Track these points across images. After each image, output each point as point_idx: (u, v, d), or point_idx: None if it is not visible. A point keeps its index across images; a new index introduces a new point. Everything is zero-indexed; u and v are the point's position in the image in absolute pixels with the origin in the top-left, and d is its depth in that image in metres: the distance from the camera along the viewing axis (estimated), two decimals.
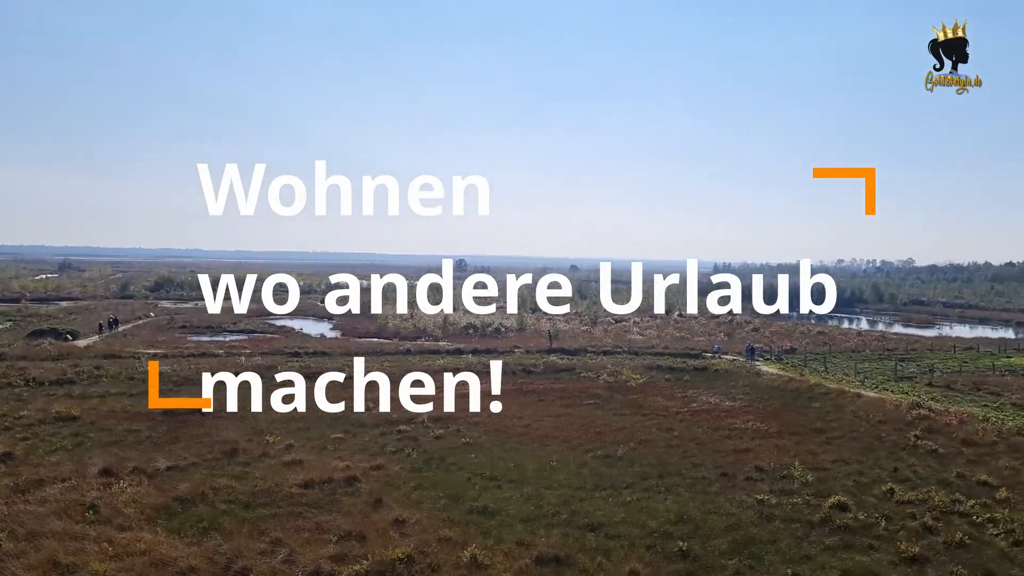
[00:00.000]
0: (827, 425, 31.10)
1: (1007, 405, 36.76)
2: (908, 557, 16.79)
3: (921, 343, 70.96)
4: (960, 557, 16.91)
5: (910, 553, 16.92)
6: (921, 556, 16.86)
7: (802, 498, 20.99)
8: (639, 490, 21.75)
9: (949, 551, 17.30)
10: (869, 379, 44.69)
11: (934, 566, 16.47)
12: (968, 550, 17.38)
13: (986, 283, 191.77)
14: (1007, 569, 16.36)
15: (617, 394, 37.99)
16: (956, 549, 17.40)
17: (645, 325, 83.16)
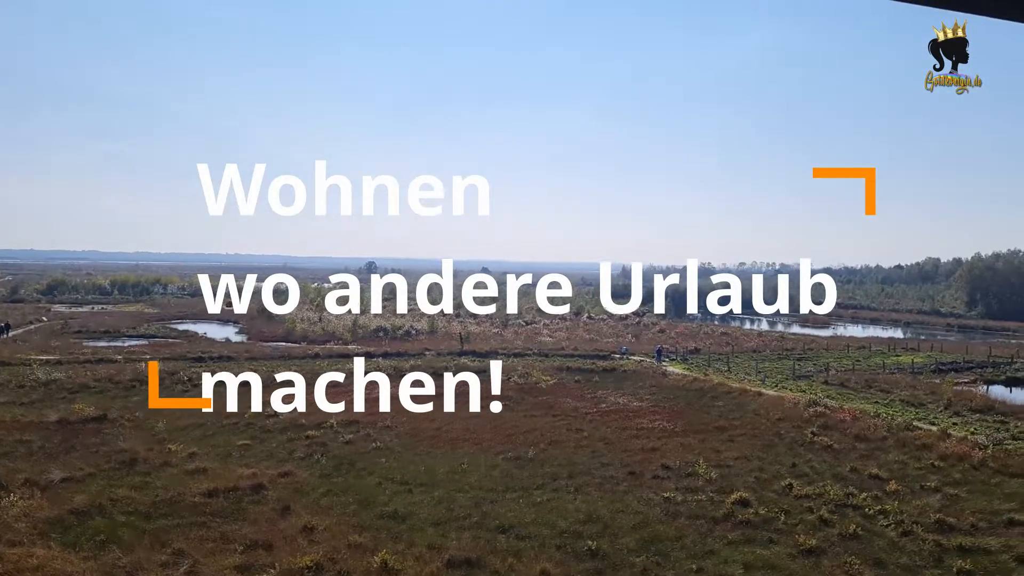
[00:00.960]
0: (730, 423, 32.05)
1: (896, 401, 38.60)
2: (806, 549, 17.48)
3: (817, 343, 73.90)
4: (853, 548, 17.70)
5: (807, 545, 17.62)
6: (818, 548, 17.58)
7: (706, 495, 21.59)
8: (549, 491, 21.98)
9: (843, 542, 18.08)
10: (769, 378, 46.23)
11: (829, 557, 17.18)
12: (861, 541, 18.19)
13: (877, 285, 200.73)
14: (896, 558, 17.20)
15: (528, 396, 38.28)
16: (850, 540, 18.20)
17: (555, 327, 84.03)
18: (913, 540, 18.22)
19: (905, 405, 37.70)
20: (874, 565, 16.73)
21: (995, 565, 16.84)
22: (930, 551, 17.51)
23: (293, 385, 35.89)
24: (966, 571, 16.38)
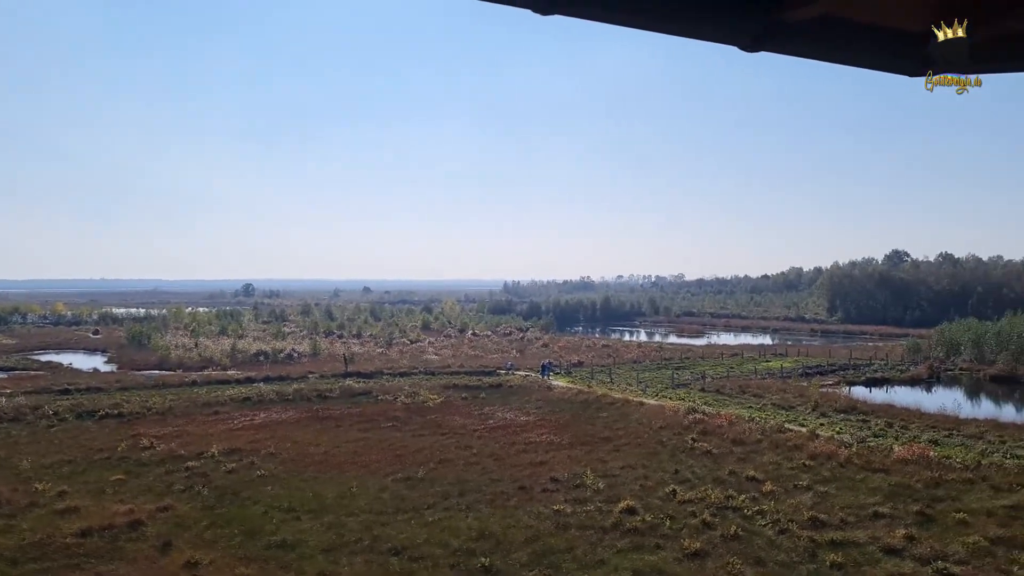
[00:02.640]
0: (615, 433, 32.85)
1: (768, 405, 40.54)
2: (691, 552, 18.15)
3: (694, 351, 76.66)
4: (735, 548, 18.49)
5: (692, 549, 18.29)
6: (702, 550, 18.27)
7: (595, 505, 22.08)
8: (440, 510, 21.98)
9: (725, 543, 18.86)
10: (650, 388, 47.61)
11: (713, 559, 17.89)
12: (741, 541, 19.02)
13: (747, 294, 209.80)
14: (774, 555, 18.07)
15: (416, 415, 38.11)
16: (731, 541, 19.01)
17: (440, 345, 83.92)
18: (789, 537, 19.19)
19: (777, 408, 39.64)
20: (754, 564, 17.53)
21: (863, 556, 17.95)
22: (805, 547, 18.49)
23: (169, 415, 34.57)
24: (838, 564, 17.39)
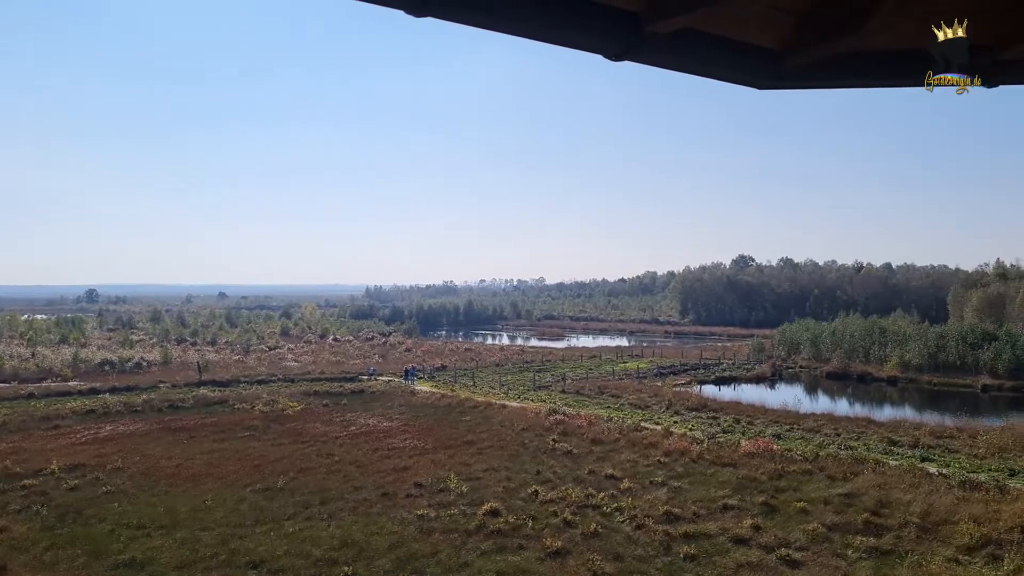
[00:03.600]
0: (478, 436, 33.02)
1: (626, 405, 41.87)
2: (552, 551, 18.46)
3: (554, 354, 78.17)
4: (595, 545, 18.95)
5: (554, 547, 18.61)
6: (563, 549, 18.62)
7: (459, 508, 22.10)
8: (301, 520, 21.43)
9: (586, 541, 19.30)
10: (512, 390, 48.19)
11: (574, 556, 18.27)
12: (601, 538, 19.52)
13: (605, 298, 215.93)
14: (632, 550, 18.64)
15: (274, 424, 37.02)
16: (591, 538, 19.47)
17: (300, 351, 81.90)
18: (646, 532, 19.84)
19: (634, 408, 40.99)
20: (613, 559, 18.02)
21: (714, 547, 18.79)
22: (660, 541, 19.17)
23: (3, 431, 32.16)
24: (691, 555, 18.12)
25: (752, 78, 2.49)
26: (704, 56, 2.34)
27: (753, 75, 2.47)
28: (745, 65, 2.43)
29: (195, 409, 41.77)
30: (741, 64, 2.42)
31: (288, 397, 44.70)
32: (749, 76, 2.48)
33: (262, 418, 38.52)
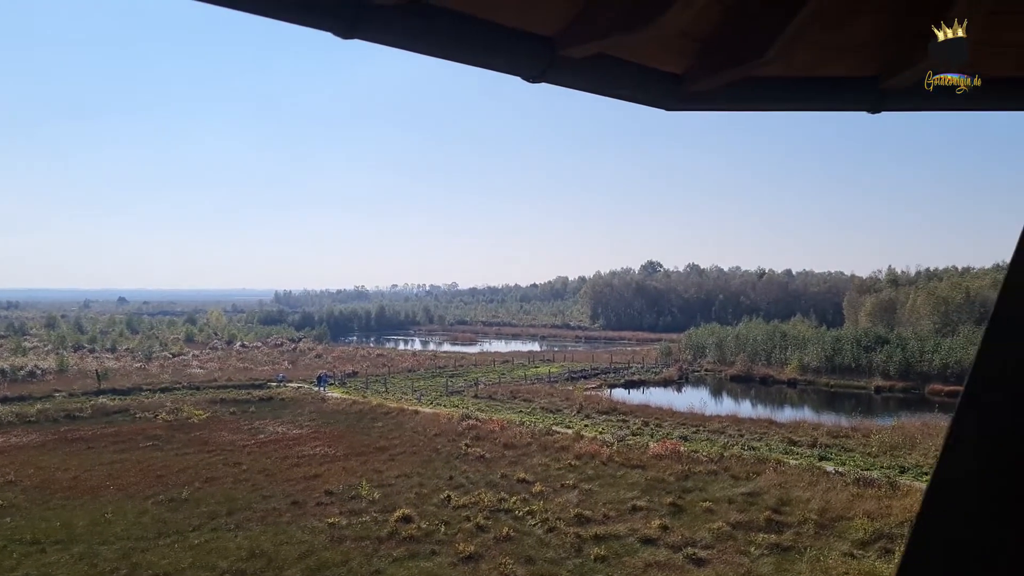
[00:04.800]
0: (390, 443, 32.80)
1: (537, 409, 42.27)
2: (465, 556, 18.51)
3: (467, 359, 78.22)
4: (507, 549, 19.09)
5: (466, 552, 18.67)
6: (476, 553, 18.70)
7: (370, 516, 21.93)
8: (207, 531, 20.89)
9: (498, 544, 19.42)
10: (425, 396, 48.04)
11: (486, 560, 18.37)
12: (513, 542, 19.68)
13: (517, 303, 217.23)
14: (544, 553, 18.86)
15: (179, 433, 35.94)
16: (504, 542, 19.61)
17: (206, 358, 79.67)
18: (557, 535, 20.10)
19: (545, 412, 41.42)
20: (525, 563, 18.20)
21: (624, 548, 19.18)
22: (571, 543, 19.45)
23: None
24: (601, 556, 18.45)
25: (660, 100, 2.65)
26: (615, 79, 2.47)
27: (660, 97, 2.63)
28: (653, 88, 2.58)
29: (94, 419, 40.16)
30: (649, 87, 2.57)
31: (193, 405, 43.47)
32: (657, 98, 2.63)
33: (165, 427, 37.35)
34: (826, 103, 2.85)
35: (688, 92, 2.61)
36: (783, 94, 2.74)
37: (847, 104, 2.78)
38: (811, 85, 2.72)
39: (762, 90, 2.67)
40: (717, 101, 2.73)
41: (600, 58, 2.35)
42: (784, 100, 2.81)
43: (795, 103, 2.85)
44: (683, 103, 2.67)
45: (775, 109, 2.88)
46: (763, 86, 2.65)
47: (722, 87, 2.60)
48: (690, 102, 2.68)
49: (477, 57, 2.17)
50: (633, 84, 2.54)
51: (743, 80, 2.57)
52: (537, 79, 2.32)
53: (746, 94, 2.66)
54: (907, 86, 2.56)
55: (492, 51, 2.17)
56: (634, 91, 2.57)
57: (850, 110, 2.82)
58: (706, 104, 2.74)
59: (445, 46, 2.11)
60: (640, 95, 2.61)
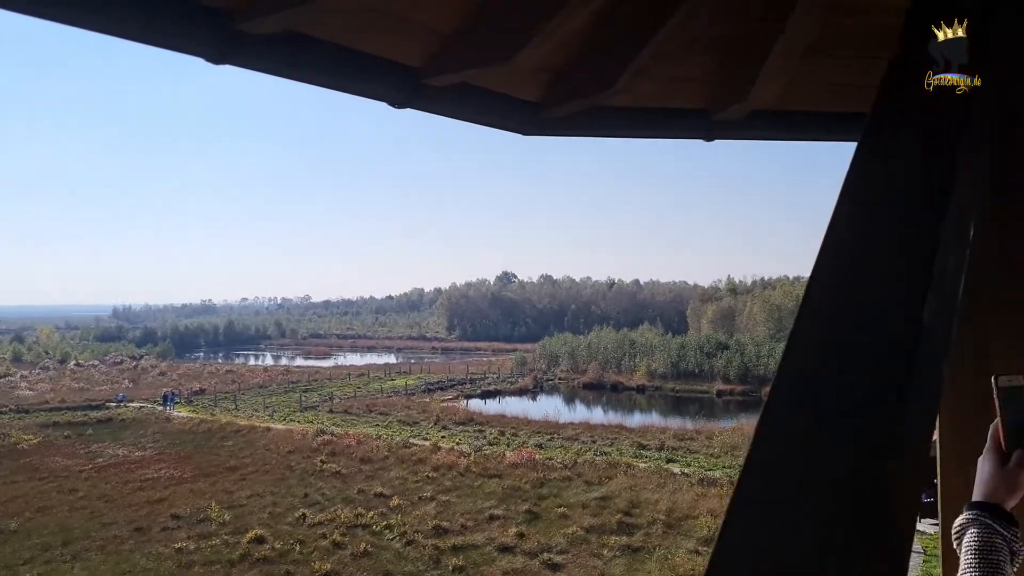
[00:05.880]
0: (241, 462, 31.73)
1: (395, 422, 41.99)
2: (321, 574, 18.22)
3: (321, 373, 76.56)
4: (365, 565, 18.92)
5: (323, 570, 18.38)
6: (332, 571, 18.44)
7: (221, 539, 21.19)
8: (41, 564, 19.57)
9: (355, 561, 19.21)
10: (278, 412, 46.72)
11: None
12: (371, 557, 19.51)
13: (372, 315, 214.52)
14: (402, 567, 18.82)
15: (5, 460, 33.34)
16: (361, 558, 19.41)
17: (36, 379, 74.24)
18: (416, 548, 20.10)
19: (402, 425, 41.21)
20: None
21: (482, 557, 19.41)
22: (430, 555, 19.50)
23: None
24: (459, 567, 18.60)
25: (519, 126, 2.84)
26: (476, 107, 2.64)
27: (519, 124, 2.82)
28: (512, 115, 2.76)
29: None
30: (508, 114, 2.75)
31: (22, 430, 40.38)
32: (516, 124, 2.82)
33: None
34: (667, 131, 3.16)
35: (544, 119, 2.81)
36: (630, 122, 3.00)
37: (686, 133, 3.08)
38: (654, 115, 2.99)
39: (611, 118, 2.91)
40: (571, 128, 2.96)
41: (462, 87, 2.51)
42: (631, 128, 3.08)
43: (641, 131, 3.14)
44: (540, 129, 2.88)
45: (623, 136, 3.15)
46: (612, 115, 2.89)
47: (575, 115, 2.82)
48: (547, 128, 2.89)
49: (347, 84, 2.28)
50: (493, 111, 2.71)
51: (594, 109, 2.79)
52: (403, 105, 2.45)
53: (597, 122, 2.90)
54: (736, 119, 2.87)
55: (361, 79, 2.29)
56: (494, 118, 2.75)
57: (688, 138, 3.13)
58: (561, 130, 2.96)
59: (317, 74, 2.21)
60: (500, 121, 2.79)
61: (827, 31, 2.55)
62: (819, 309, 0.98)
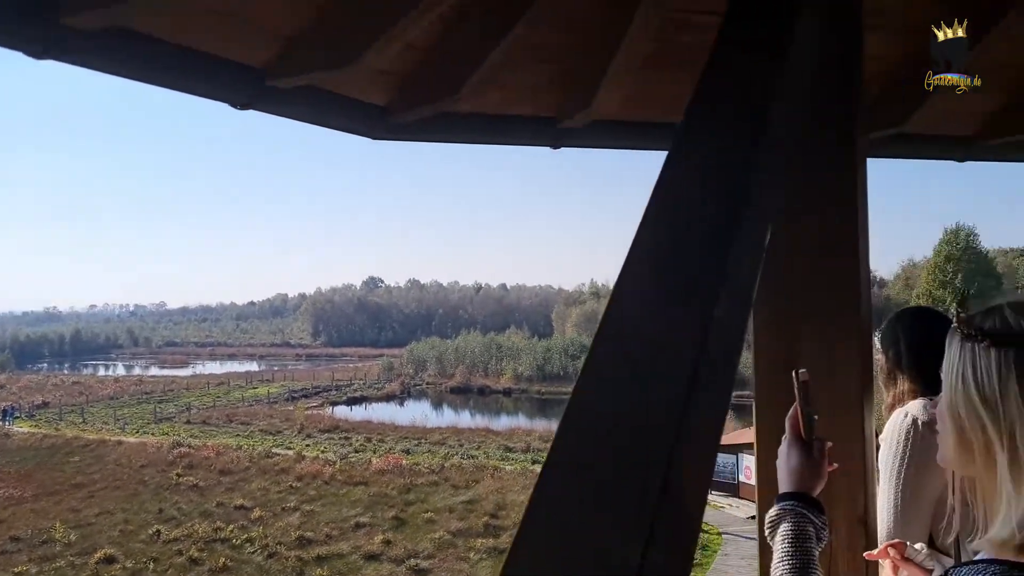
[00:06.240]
0: (89, 478, 30.00)
1: (256, 432, 40.75)
2: None
3: (178, 383, 73.39)
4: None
5: None
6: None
7: (66, 560, 20.01)
8: None
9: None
10: (130, 424, 44.45)
11: None
12: (231, 572, 18.90)
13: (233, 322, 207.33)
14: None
15: None
16: (220, 573, 18.77)
17: None
18: (278, 560, 19.59)
19: (264, 434, 40.04)
20: None
21: (347, 566, 19.13)
22: (293, 566, 19.07)
23: None
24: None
25: (368, 130, 2.84)
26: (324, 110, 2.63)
27: (369, 128, 2.82)
28: (360, 119, 2.77)
29: None
30: (356, 118, 2.75)
31: None
32: (364, 128, 2.82)
33: None
34: (515, 138, 3.23)
35: (393, 124, 2.82)
36: (478, 129, 3.05)
37: (533, 140, 3.16)
38: (502, 122, 3.05)
39: (459, 124, 2.95)
40: (420, 133, 2.98)
41: (309, 89, 2.49)
42: (479, 134, 3.13)
43: (489, 137, 3.19)
44: (389, 134, 2.88)
45: (472, 142, 3.20)
46: (460, 121, 2.93)
47: (424, 120, 2.85)
48: (395, 133, 2.90)
49: (185, 84, 2.21)
50: (340, 115, 2.70)
51: (442, 114, 2.83)
52: (246, 107, 2.40)
53: (445, 127, 2.93)
54: (580, 126, 2.96)
55: (200, 79, 2.23)
56: (342, 121, 2.73)
57: (536, 145, 3.21)
58: (410, 135, 2.98)
59: (151, 72, 2.13)
60: (348, 125, 2.77)
61: (662, 46, 2.68)
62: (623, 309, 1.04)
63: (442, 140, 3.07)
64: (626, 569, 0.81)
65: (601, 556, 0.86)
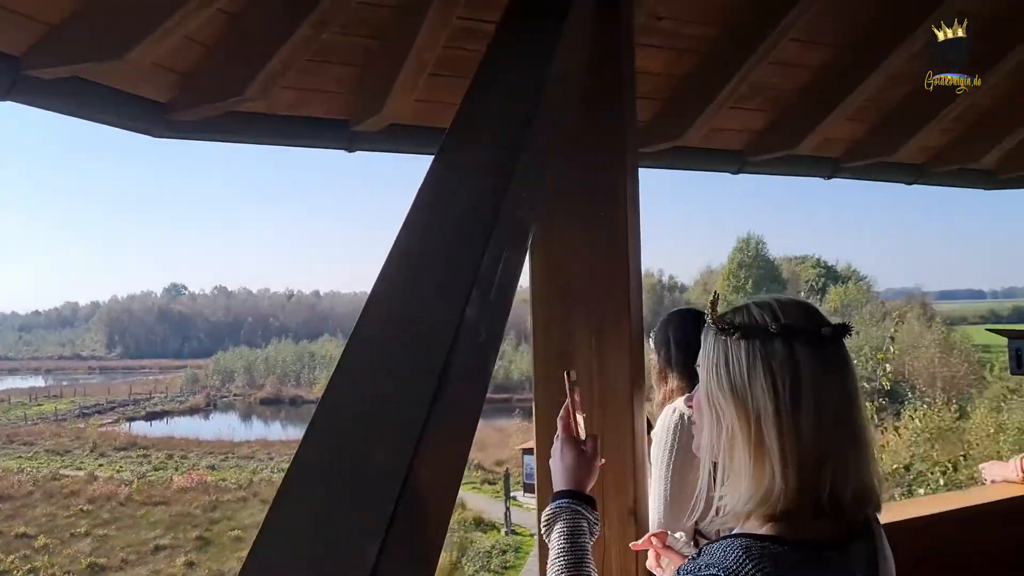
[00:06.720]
0: None
1: (41, 453, 37.57)
2: None
3: None
4: None
5: None
6: None
7: None
8: None
9: None
10: None
11: None
12: None
13: (14, 333, 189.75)
14: None
15: None
16: None
17: None
18: None
19: (51, 455, 37.00)
20: None
21: None
22: None
23: None
24: None
25: (145, 127, 2.69)
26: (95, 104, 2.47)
27: (145, 125, 2.68)
28: (136, 115, 2.62)
29: None
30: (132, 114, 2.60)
31: None
32: (141, 125, 2.68)
33: None
34: (308, 140, 3.16)
35: (174, 122, 2.69)
36: (269, 130, 2.97)
37: (327, 142, 3.11)
38: (294, 123, 2.98)
39: (248, 125, 2.86)
40: (205, 132, 2.86)
41: (76, 81, 2.33)
42: (270, 135, 3.04)
43: (280, 139, 3.11)
44: (170, 132, 2.74)
45: (261, 143, 3.10)
46: (248, 121, 2.84)
47: (208, 119, 2.74)
48: (177, 132, 2.76)
49: None
50: (114, 110, 2.54)
51: (229, 114, 2.73)
52: (3, 98, 2.22)
53: (231, 127, 2.83)
54: (375, 131, 2.96)
55: None
56: (115, 117, 2.57)
57: (330, 148, 3.16)
58: (194, 134, 2.85)
59: None
60: (122, 122, 2.62)
61: (452, 52, 2.73)
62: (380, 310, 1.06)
63: (230, 140, 2.96)
64: (362, 569, 0.82)
65: (337, 555, 0.86)
